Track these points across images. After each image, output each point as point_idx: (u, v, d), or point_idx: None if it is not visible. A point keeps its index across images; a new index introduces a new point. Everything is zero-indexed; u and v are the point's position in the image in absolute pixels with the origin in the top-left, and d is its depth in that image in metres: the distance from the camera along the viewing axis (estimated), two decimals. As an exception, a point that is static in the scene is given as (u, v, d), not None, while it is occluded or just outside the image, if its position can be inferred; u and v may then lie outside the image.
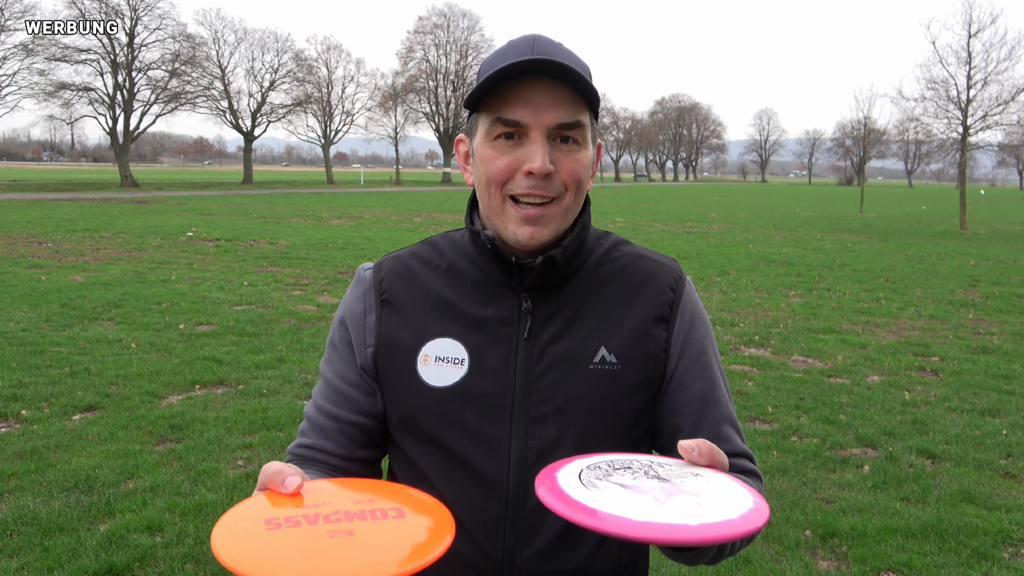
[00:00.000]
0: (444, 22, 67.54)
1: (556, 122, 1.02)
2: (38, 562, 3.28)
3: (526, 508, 1.06)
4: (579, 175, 1.06)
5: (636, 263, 1.16)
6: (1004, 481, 4.44)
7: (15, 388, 5.63)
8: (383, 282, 1.15)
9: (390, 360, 1.12)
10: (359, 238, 17.48)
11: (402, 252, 1.20)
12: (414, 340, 1.10)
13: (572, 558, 1.08)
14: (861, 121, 38.74)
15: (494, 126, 1.04)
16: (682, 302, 1.14)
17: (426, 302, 1.12)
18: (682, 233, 21.40)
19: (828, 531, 3.75)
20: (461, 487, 1.08)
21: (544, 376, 1.08)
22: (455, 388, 1.07)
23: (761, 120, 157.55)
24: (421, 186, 60.84)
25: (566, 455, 1.01)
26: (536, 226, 1.05)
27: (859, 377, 6.62)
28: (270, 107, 57.10)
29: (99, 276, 10.99)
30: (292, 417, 5.21)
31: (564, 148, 1.04)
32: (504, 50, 1.06)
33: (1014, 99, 24.96)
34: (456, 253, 1.16)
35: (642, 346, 1.10)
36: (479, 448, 1.07)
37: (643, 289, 1.13)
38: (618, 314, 1.11)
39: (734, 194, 61.53)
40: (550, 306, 1.10)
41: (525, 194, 1.04)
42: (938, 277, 13.19)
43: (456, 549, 1.02)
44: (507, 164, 1.04)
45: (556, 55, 1.03)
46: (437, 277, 1.14)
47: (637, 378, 1.10)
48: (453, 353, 1.08)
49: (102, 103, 45.99)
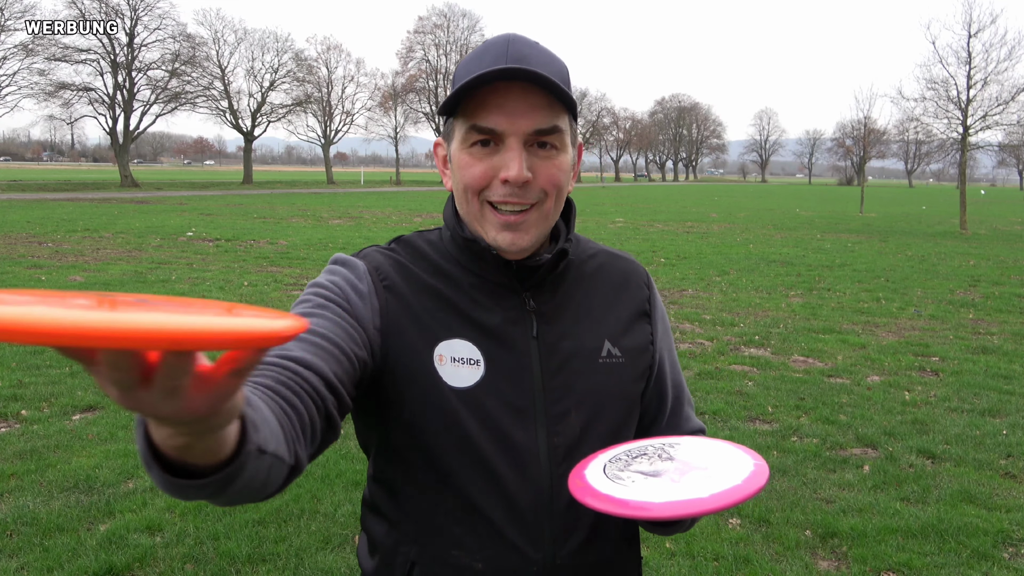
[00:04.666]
0: (444, 22, 67.52)
1: (532, 128, 1.01)
2: (38, 562, 3.28)
3: (561, 507, 1.07)
4: (558, 180, 1.05)
5: (611, 262, 1.22)
6: (1004, 481, 4.44)
7: (15, 388, 5.63)
8: (378, 270, 1.08)
9: (402, 351, 1.04)
10: (359, 238, 17.48)
11: (381, 248, 1.13)
12: (424, 337, 1.05)
13: (606, 549, 1.12)
14: (861, 121, 38.69)
15: (470, 133, 1.03)
16: (654, 297, 1.23)
17: (428, 299, 1.07)
18: (682, 233, 21.39)
19: (828, 531, 3.75)
20: (495, 492, 1.04)
21: (559, 373, 1.08)
22: (475, 389, 1.04)
23: (761, 120, 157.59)
24: (421, 186, 60.81)
25: (591, 448, 1.08)
26: (516, 232, 1.04)
27: (859, 377, 6.61)
28: (270, 107, 57.12)
29: (99, 276, 10.99)
30: (292, 417, 5.21)
31: (542, 154, 1.03)
32: (479, 52, 1.04)
33: (1014, 99, 24.95)
34: (439, 255, 1.12)
35: (635, 339, 1.17)
36: (507, 447, 1.05)
37: (624, 287, 1.19)
38: (610, 310, 1.16)
39: (734, 194, 61.52)
40: (550, 304, 1.11)
41: (503, 201, 1.03)
42: (938, 277, 13.19)
43: (497, 558, 1.05)
44: (483, 171, 1.02)
45: (531, 59, 1.01)
46: (434, 275, 1.10)
47: (637, 369, 1.16)
48: (468, 354, 1.05)
49: (102, 103, 45.98)
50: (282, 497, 3.98)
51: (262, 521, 3.72)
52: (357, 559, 1.21)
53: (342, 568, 3.34)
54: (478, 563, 1.05)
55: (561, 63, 1.06)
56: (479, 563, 1.05)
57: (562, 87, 0.99)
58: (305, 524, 3.71)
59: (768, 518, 3.89)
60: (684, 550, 3.55)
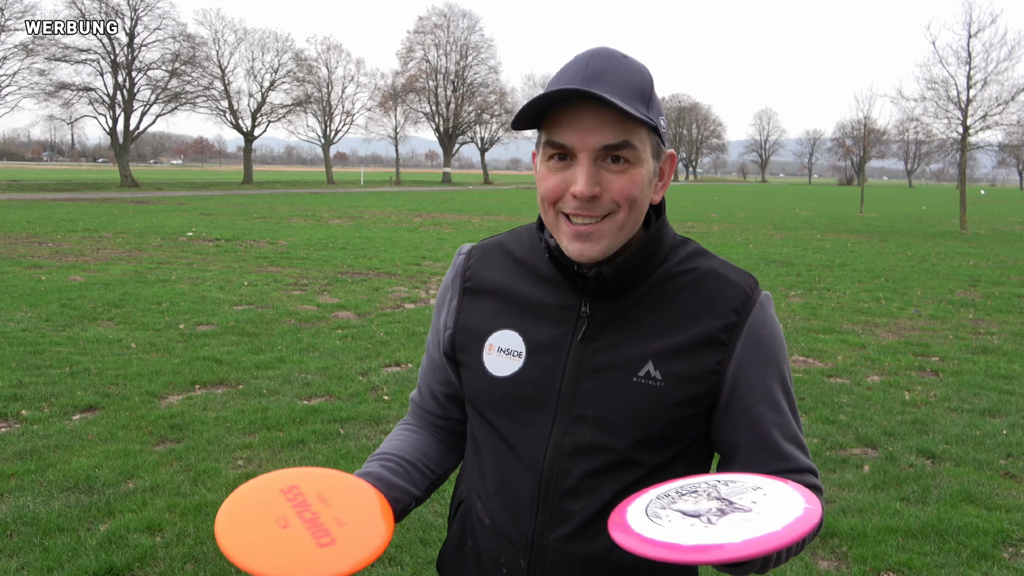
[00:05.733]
0: (444, 22, 67.60)
1: (601, 144, 1.05)
2: (38, 562, 3.28)
3: (557, 494, 1.15)
4: (630, 193, 1.08)
5: (707, 279, 1.16)
6: (1004, 481, 4.44)
7: (15, 388, 5.63)
8: (468, 270, 1.28)
9: (464, 345, 1.25)
10: (359, 238, 17.48)
11: (492, 240, 1.31)
12: (485, 328, 1.22)
13: (597, 545, 1.15)
14: (861, 121, 38.68)
15: (546, 147, 1.09)
16: (747, 325, 1.14)
17: (500, 292, 1.23)
18: (682, 233, 21.37)
19: (828, 531, 3.75)
20: (506, 465, 1.19)
21: (590, 380, 1.14)
22: (510, 379, 1.18)
23: (761, 120, 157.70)
24: (421, 186, 60.81)
25: (597, 456, 1.13)
26: (587, 243, 1.09)
27: (859, 377, 6.62)
28: (270, 107, 57.08)
29: (99, 276, 10.99)
30: (292, 417, 5.21)
31: (614, 168, 1.07)
32: (565, 67, 1.09)
33: (1014, 99, 24.99)
34: (525, 250, 1.24)
35: (690, 366, 1.12)
36: (522, 433, 1.17)
37: (707, 308, 1.14)
38: (673, 330, 1.13)
39: (734, 194, 61.52)
40: (608, 310, 1.15)
41: (574, 213, 1.08)
42: (938, 277, 13.19)
43: (498, 520, 1.20)
44: (556, 184, 1.09)
45: (608, 75, 1.05)
46: (515, 268, 1.24)
47: (679, 396, 1.12)
48: (513, 346, 1.18)
49: (102, 103, 45.97)
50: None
51: (262, 521, 3.72)
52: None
53: (342, 568, 3.34)
54: (487, 519, 1.22)
55: (640, 77, 1.08)
56: (487, 519, 1.22)
57: (625, 108, 1.01)
58: (305, 524, 3.70)
59: (768, 518, 3.88)
60: (684, 550, 3.55)
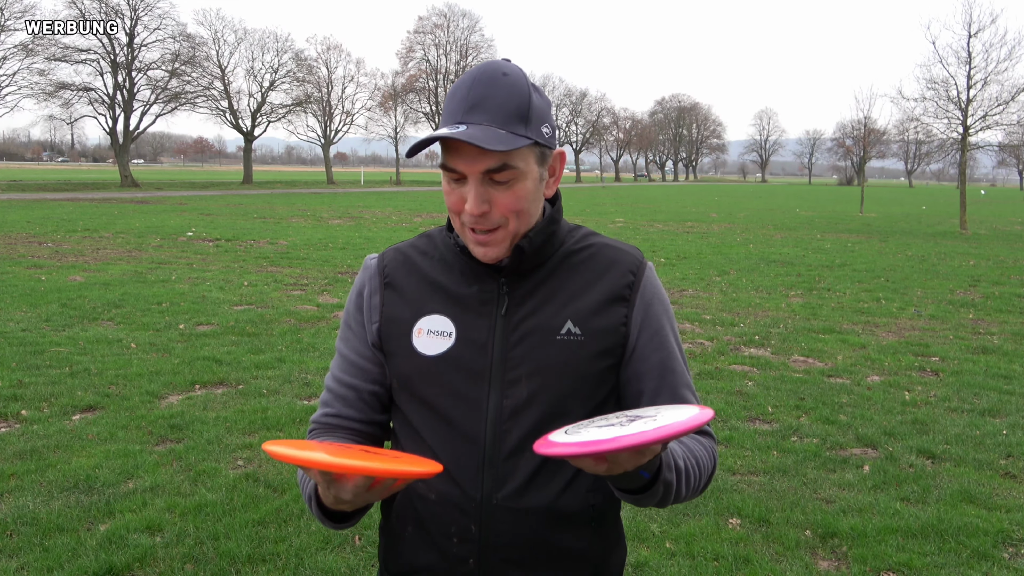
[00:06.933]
0: (444, 22, 67.48)
1: (484, 169, 1.17)
2: (38, 562, 3.28)
3: (500, 456, 1.25)
4: (516, 207, 1.21)
5: (602, 251, 1.33)
6: (1004, 481, 4.44)
7: (15, 388, 5.63)
8: (385, 268, 1.36)
9: (391, 334, 1.32)
10: (359, 238, 17.48)
11: (403, 244, 1.41)
12: (411, 316, 1.31)
13: (542, 496, 1.25)
14: (861, 121, 38.66)
15: (443, 168, 1.22)
16: (642, 284, 1.31)
17: (421, 285, 1.32)
18: (682, 233, 21.40)
19: (828, 531, 3.75)
20: (446, 440, 1.27)
21: (518, 346, 1.26)
22: (443, 356, 1.27)
23: (761, 120, 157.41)
24: (421, 186, 60.81)
25: (537, 412, 1.25)
26: (487, 247, 1.24)
27: (859, 377, 6.62)
28: (270, 107, 57.09)
29: (99, 276, 10.99)
30: (292, 417, 5.21)
31: (500, 187, 1.20)
32: (452, 91, 1.23)
33: (1014, 99, 24.95)
34: (446, 245, 1.35)
35: (603, 320, 1.28)
36: (460, 407, 1.26)
37: (607, 272, 1.31)
38: (584, 293, 1.29)
39: (734, 194, 61.53)
40: (524, 287, 1.29)
41: (471, 226, 1.22)
42: (938, 277, 13.19)
43: (445, 492, 1.28)
44: (456, 200, 1.22)
45: (487, 102, 1.17)
46: (432, 264, 1.34)
47: (598, 347, 1.27)
48: (442, 327, 1.28)
49: (102, 103, 45.98)
50: (282, 497, 3.98)
51: (262, 521, 3.72)
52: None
53: (342, 568, 3.34)
54: (432, 495, 1.29)
55: (518, 98, 1.19)
56: (432, 495, 1.29)
57: (495, 148, 1.13)
58: (305, 524, 3.71)
59: (768, 518, 3.89)
60: (684, 550, 3.55)
